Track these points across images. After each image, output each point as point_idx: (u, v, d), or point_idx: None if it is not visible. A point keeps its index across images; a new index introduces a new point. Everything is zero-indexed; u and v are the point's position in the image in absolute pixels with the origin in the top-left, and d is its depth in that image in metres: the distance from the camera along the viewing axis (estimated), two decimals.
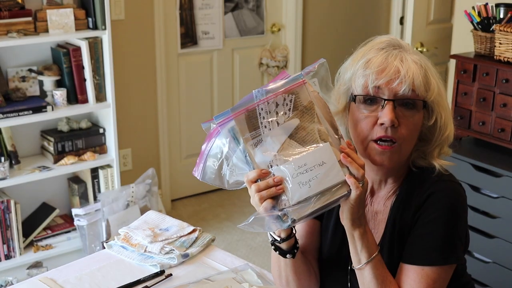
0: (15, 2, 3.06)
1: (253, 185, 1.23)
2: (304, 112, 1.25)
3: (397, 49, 1.39)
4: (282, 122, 1.24)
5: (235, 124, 1.23)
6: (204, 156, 1.28)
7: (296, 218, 1.22)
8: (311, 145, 1.24)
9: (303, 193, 1.22)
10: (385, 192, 1.49)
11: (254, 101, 1.24)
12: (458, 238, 1.41)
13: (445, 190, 1.41)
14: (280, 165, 1.23)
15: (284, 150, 1.23)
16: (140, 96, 3.87)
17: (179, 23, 3.98)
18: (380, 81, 1.35)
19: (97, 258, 1.87)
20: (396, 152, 1.39)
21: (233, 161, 1.25)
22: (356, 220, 1.30)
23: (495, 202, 2.78)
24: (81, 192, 3.41)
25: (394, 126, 1.36)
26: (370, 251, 1.34)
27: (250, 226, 1.24)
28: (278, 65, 4.39)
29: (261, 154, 1.24)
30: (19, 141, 3.26)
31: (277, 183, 1.22)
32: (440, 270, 1.38)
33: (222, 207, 4.12)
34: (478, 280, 2.83)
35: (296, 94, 1.25)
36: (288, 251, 1.43)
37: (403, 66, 1.35)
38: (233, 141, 1.24)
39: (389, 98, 1.35)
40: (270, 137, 1.23)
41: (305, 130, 1.24)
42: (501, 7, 2.88)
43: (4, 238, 3.13)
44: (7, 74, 3.20)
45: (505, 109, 2.79)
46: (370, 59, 1.38)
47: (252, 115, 1.24)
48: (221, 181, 1.28)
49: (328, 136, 1.24)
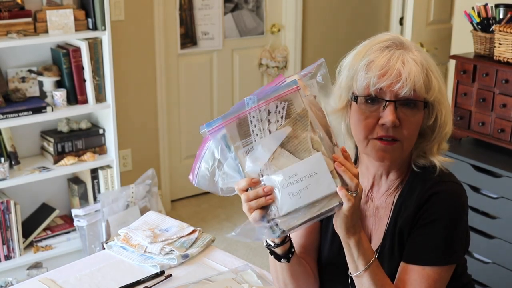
0: (15, 3, 3.06)
1: (242, 194, 1.22)
2: (297, 120, 1.22)
3: (400, 49, 1.39)
4: (274, 130, 1.21)
5: (226, 132, 1.21)
6: (198, 163, 1.27)
7: (285, 229, 1.21)
8: (303, 155, 1.21)
9: (292, 204, 1.20)
10: (386, 187, 1.49)
11: (245, 108, 1.21)
12: (459, 239, 1.41)
13: (447, 191, 1.41)
14: (271, 175, 1.21)
15: (275, 159, 1.21)
16: (140, 96, 3.87)
17: (179, 23, 3.98)
18: (381, 84, 1.35)
19: (97, 259, 1.87)
20: (398, 149, 1.39)
21: (224, 169, 1.24)
22: (351, 228, 1.28)
23: (494, 202, 2.78)
24: (81, 192, 3.41)
25: (395, 126, 1.36)
26: (367, 258, 1.34)
27: (238, 236, 1.23)
28: (278, 65, 4.39)
29: (252, 162, 1.21)
30: (19, 142, 3.26)
31: (266, 193, 1.20)
32: (441, 270, 1.39)
33: (222, 207, 4.12)
34: (478, 280, 2.83)
35: (289, 101, 1.22)
36: (283, 256, 1.42)
37: (404, 68, 1.35)
38: (225, 149, 1.22)
39: (390, 99, 1.36)
40: (261, 145, 1.21)
41: (297, 138, 1.22)
42: (500, 7, 2.89)
43: (4, 238, 3.13)
44: (7, 74, 3.20)
45: (505, 110, 2.79)
46: (372, 60, 1.37)
47: (244, 123, 1.21)
48: (215, 187, 1.27)
49: (321, 145, 1.21)
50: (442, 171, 1.46)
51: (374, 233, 1.51)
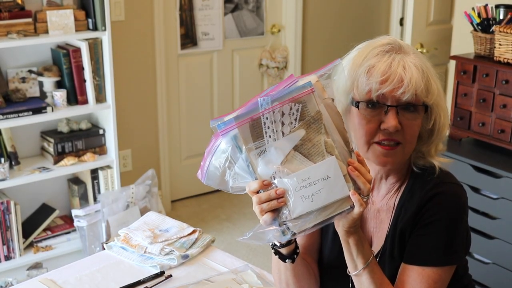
0: (15, 3, 3.06)
1: (254, 196, 1.21)
2: (311, 123, 1.20)
3: (400, 53, 1.39)
4: (287, 132, 1.20)
5: (238, 133, 1.19)
6: (207, 161, 1.25)
7: (296, 231, 1.20)
8: (316, 158, 1.20)
9: (305, 207, 1.19)
10: (385, 190, 1.50)
11: (259, 109, 1.19)
12: (459, 239, 1.42)
13: (448, 192, 1.42)
14: (283, 178, 1.19)
15: (288, 162, 1.20)
16: (140, 97, 3.87)
17: (179, 24, 3.98)
18: (384, 89, 1.35)
19: (97, 259, 1.87)
20: (399, 153, 1.40)
21: (235, 169, 1.22)
22: (352, 228, 1.30)
23: (495, 203, 2.78)
24: (81, 193, 3.41)
25: (397, 130, 1.37)
26: (366, 257, 1.34)
27: (250, 239, 1.22)
28: (278, 66, 4.39)
29: (264, 165, 1.20)
30: (19, 142, 3.26)
31: (279, 196, 1.19)
32: (441, 270, 1.39)
33: (222, 208, 4.12)
34: (478, 281, 2.83)
35: (303, 104, 1.20)
36: (288, 256, 1.42)
37: (406, 74, 1.35)
38: (236, 149, 1.20)
39: (392, 105, 1.36)
40: (274, 147, 1.19)
41: (311, 141, 1.20)
42: (501, 8, 2.89)
43: (4, 239, 3.13)
44: (7, 75, 3.20)
45: (505, 110, 2.79)
46: (373, 65, 1.37)
47: (257, 124, 1.19)
48: (225, 186, 1.25)
49: (334, 149, 1.21)
50: (442, 172, 1.46)
51: (375, 236, 1.51)
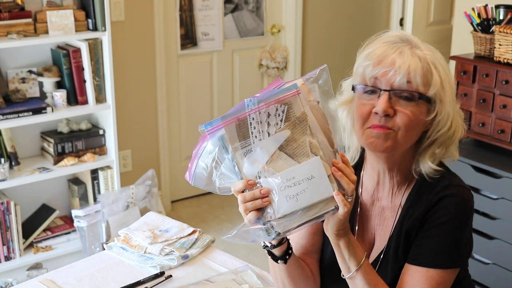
0: (15, 3, 3.06)
1: (239, 195, 1.22)
2: (296, 124, 1.23)
3: (403, 44, 1.40)
4: (273, 132, 1.22)
5: (224, 133, 1.21)
6: (194, 162, 1.27)
7: (280, 231, 1.21)
8: (301, 158, 1.22)
9: (289, 207, 1.20)
10: (389, 186, 1.49)
11: (245, 110, 1.22)
12: (464, 243, 1.42)
13: (456, 195, 1.41)
14: (268, 177, 1.21)
15: (273, 162, 1.22)
16: (140, 97, 3.87)
17: (179, 24, 3.98)
18: (375, 71, 1.37)
19: (97, 260, 1.87)
20: (391, 138, 1.38)
21: (221, 169, 1.24)
22: (341, 230, 1.30)
23: (495, 203, 2.78)
24: (81, 193, 3.41)
25: (389, 115, 1.36)
26: (358, 258, 1.35)
27: (234, 238, 1.23)
28: (278, 66, 4.39)
29: (250, 164, 1.22)
30: (19, 143, 3.26)
31: (263, 195, 1.20)
32: (445, 273, 1.39)
33: (222, 208, 4.12)
34: (478, 281, 2.83)
35: (289, 105, 1.22)
36: (280, 257, 1.42)
37: (400, 58, 1.36)
38: (222, 149, 1.22)
39: (385, 89, 1.37)
40: (259, 147, 1.21)
41: (296, 142, 1.22)
42: (500, 8, 2.89)
43: (4, 239, 3.13)
44: (7, 75, 3.20)
45: (505, 111, 2.79)
46: (372, 51, 1.40)
47: (243, 124, 1.22)
48: (212, 187, 1.27)
49: (319, 150, 1.22)
50: (450, 174, 1.46)
51: (378, 233, 1.51)
